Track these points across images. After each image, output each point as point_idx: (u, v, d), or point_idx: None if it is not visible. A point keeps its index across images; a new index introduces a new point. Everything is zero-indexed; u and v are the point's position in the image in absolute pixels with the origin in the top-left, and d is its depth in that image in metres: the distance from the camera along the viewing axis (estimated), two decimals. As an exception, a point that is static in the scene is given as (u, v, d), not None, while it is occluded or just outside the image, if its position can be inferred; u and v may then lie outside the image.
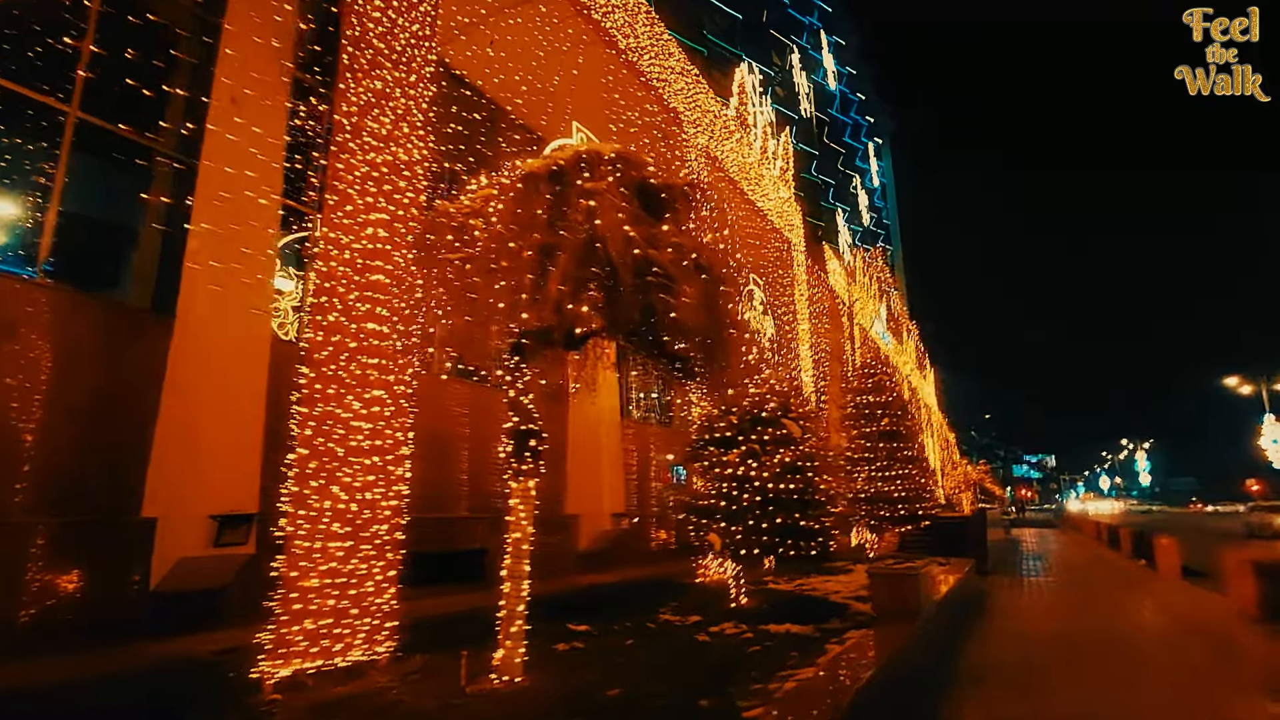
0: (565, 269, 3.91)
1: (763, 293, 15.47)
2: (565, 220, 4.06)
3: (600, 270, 3.94)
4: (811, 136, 33.67)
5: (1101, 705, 5.67)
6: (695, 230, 4.60)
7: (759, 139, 16.60)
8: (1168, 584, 15.11)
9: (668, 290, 3.97)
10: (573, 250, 3.95)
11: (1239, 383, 70.10)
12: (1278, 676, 7.02)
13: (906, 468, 14.33)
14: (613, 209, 4.03)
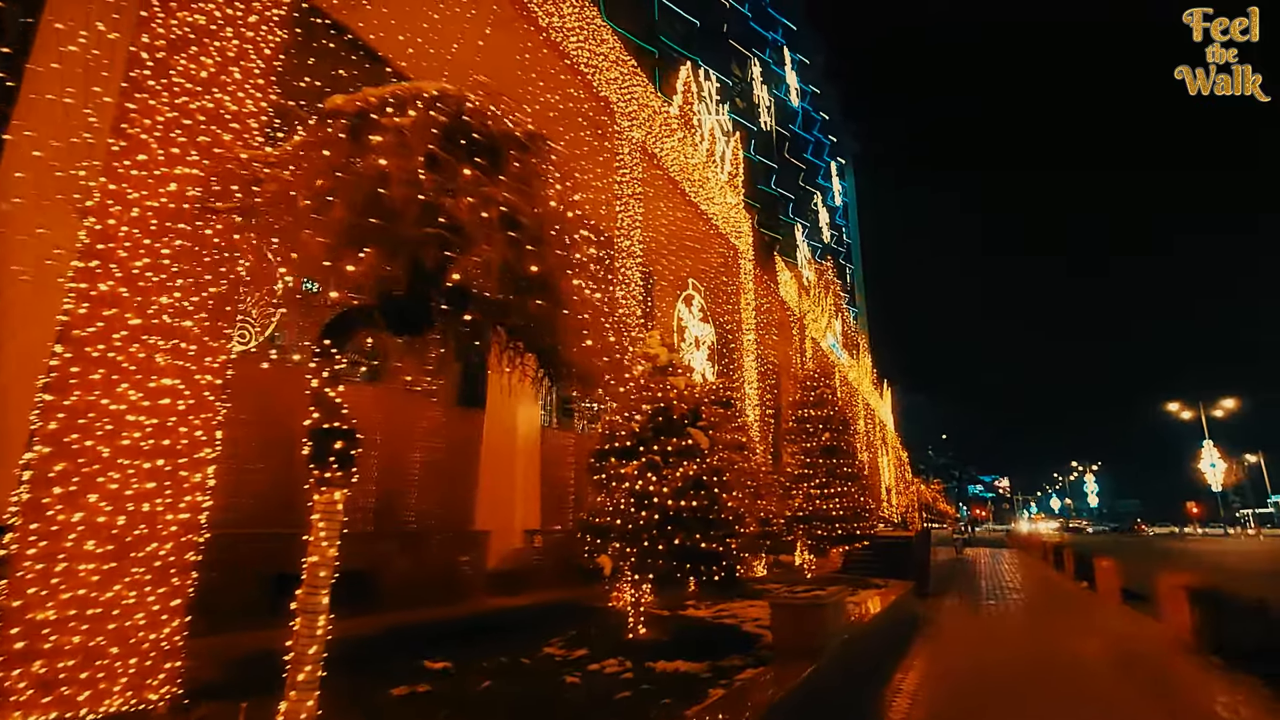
0: (336, 218, 3.09)
1: (703, 298, 14.79)
2: (352, 164, 3.24)
3: (380, 222, 3.12)
4: (771, 150, 33.52)
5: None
6: (537, 188, 3.80)
7: (705, 141, 16.02)
8: (1108, 607, 14.78)
9: (451, 246, 3.15)
10: (346, 195, 3.13)
11: (1180, 408, 72.40)
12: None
13: (846, 485, 13.73)
14: (407, 150, 3.23)
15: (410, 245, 3.16)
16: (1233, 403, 70.68)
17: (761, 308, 18.96)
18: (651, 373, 7.36)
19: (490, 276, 3.18)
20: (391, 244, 3.14)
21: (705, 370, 14.18)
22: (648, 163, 12.68)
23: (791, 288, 21.60)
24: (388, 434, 10.52)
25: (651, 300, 14.90)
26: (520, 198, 3.50)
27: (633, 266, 11.22)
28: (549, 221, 3.62)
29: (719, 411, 11.21)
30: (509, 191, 3.45)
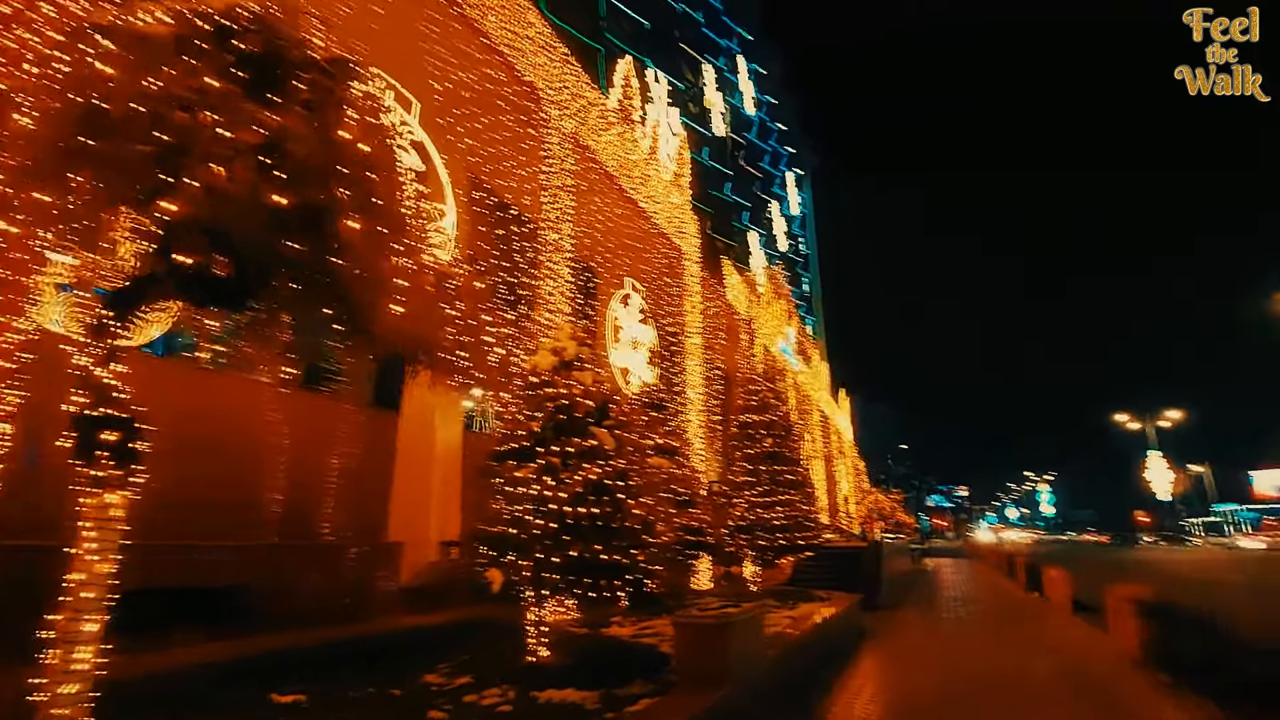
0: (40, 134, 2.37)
1: (643, 298, 14.20)
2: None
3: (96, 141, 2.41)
4: (726, 157, 33.35)
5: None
6: (333, 118, 3.11)
7: (648, 139, 15.53)
8: (1058, 619, 14.51)
9: (178, 169, 2.45)
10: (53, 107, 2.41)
11: (1128, 419, 74.48)
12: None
13: (788, 493, 13.21)
14: (152, 59, 2.53)
15: (125, 165, 2.45)
16: (1178, 414, 73.03)
17: (708, 311, 18.47)
18: (557, 367, 6.69)
19: (233, 207, 2.49)
20: (103, 165, 2.43)
21: (644, 373, 13.57)
22: (581, 155, 12.09)
23: (741, 292, 21.21)
24: (292, 437, 9.68)
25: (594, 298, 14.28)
26: (301, 124, 2.82)
27: (560, 260, 10.56)
28: (341, 156, 2.95)
29: (646, 413, 10.59)
30: (285, 116, 2.78)
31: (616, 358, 12.55)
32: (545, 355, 6.82)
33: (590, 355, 6.94)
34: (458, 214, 9.59)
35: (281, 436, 9.32)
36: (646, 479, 6.71)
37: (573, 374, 6.61)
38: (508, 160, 10.75)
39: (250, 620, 7.63)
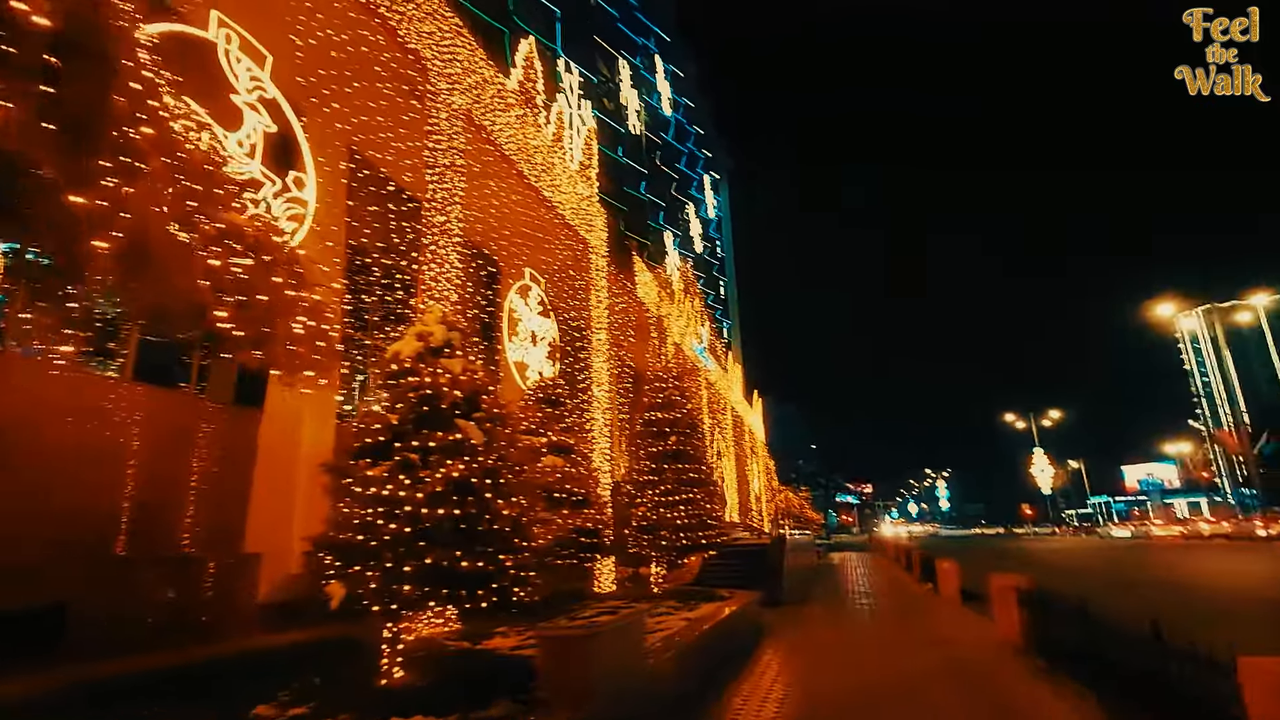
0: None
1: (544, 291, 13.57)
2: None
3: None
4: (642, 155, 33.13)
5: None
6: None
7: (552, 125, 14.92)
8: (948, 609, 14.96)
9: None
10: None
11: (1015, 418, 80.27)
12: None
13: (692, 491, 12.93)
14: None
15: None
16: (1058, 414, 79.41)
17: (616, 308, 18.06)
18: (422, 354, 6.01)
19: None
20: None
21: (544, 367, 12.95)
22: (474, 135, 11.35)
23: (652, 290, 20.92)
24: (139, 437, 8.50)
25: (488, 287, 13.52)
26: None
27: (448, 245, 9.81)
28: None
29: (541, 409, 10.01)
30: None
31: (514, 351, 11.88)
32: (409, 340, 6.13)
33: (462, 341, 6.30)
34: (322, 184, 8.68)
35: (124, 436, 8.16)
36: (524, 477, 6.14)
37: (440, 361, 5.95)
38: (387, 132, 9.90)
39: (79, 645, 6.61)
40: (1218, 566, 24.06)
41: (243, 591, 8.80)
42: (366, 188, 10.10)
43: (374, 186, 10.44)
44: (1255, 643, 7.75)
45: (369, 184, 10.48)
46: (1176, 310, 49.09)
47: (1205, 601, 13.83)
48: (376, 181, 10.33)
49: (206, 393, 9.63)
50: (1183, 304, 47.08)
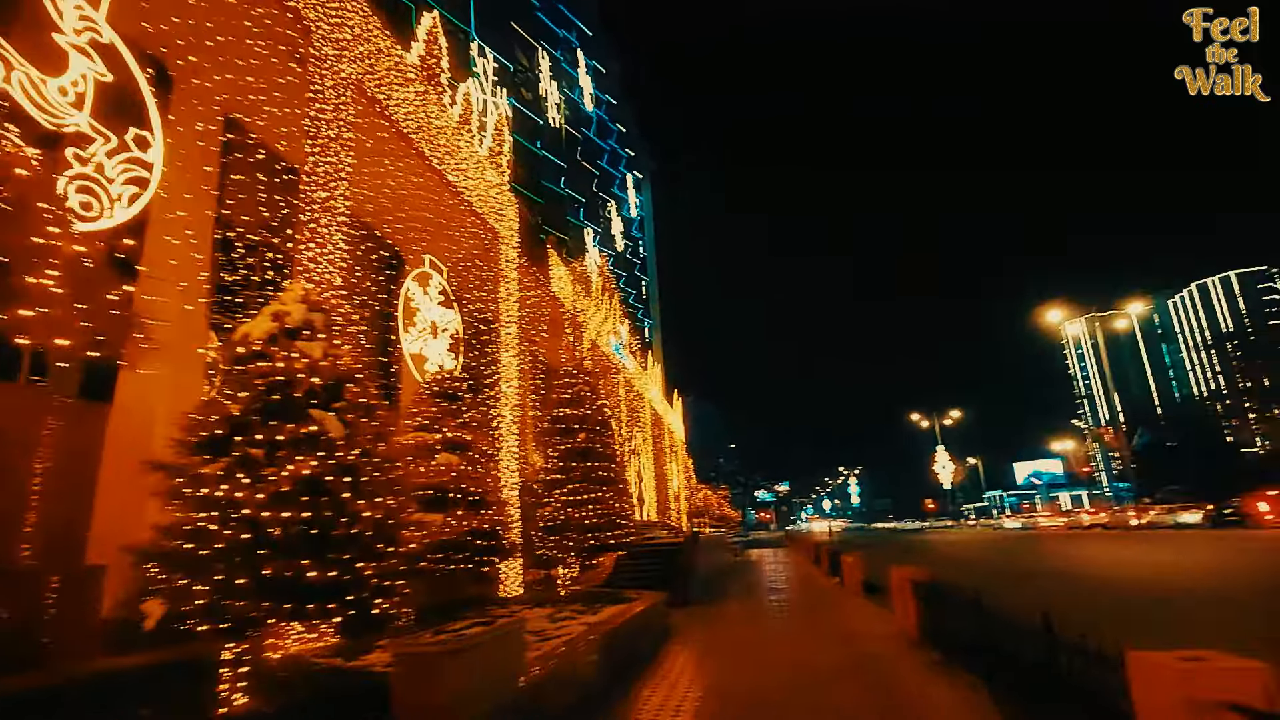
0: None
1: (446, 280, 12.79)
2: None
3: None
4: (561, 149, 32.45)
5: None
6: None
7: (458, 107, 14.15)
8: (852, 602, 15.21)
9: None
10: None
11: (920, 418, 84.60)
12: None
13: (601, 490, 12.53)
14: None
15: None
16: (959, 413, 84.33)
17: (528, 301, 17.44)
18: (276, 336, 5.30)
19: None
20: None
21: (445, 360, 12.19)
22: (367, 109, 10.53)
23: (567, 284, 20.38)
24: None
25: (381, 273, 12.61)
26: None
27: (332, 224, 8.98)
28: None
29: (435, 403, 9.33)
30: None
31: (411, 343, 11.08)
32: (262, 320, 5.40)
33: (325, 323, 5.62)
34: (174, 146, 7.69)
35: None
36: (396, 474, 5.52)
37: (296, 344, 5.26)
38: (259, 94, 8.96)
39: None
40: (1102, 555, 25.85)
41: (87, 608, 7.72)
42: (245, 158, 9.13)
43: (251, 157, 9.46)
44: (1142, 632, 8.13)
45: (247, 154, 9.49)
46: (1064, 317, 52.99)
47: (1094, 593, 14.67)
48: (252, 151, 9.35)
49: (48, 386, 8.43)
50: (1071, 311, 50.90)
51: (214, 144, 9.02)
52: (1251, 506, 36.23)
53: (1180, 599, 12.54)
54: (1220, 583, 14.64)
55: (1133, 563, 21.41)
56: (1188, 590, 13.58)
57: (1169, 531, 39.93)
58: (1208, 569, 17.94)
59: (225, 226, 9.20)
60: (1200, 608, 11.63)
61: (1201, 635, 8.67)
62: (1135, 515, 47.28)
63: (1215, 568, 18.11)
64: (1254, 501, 36.40)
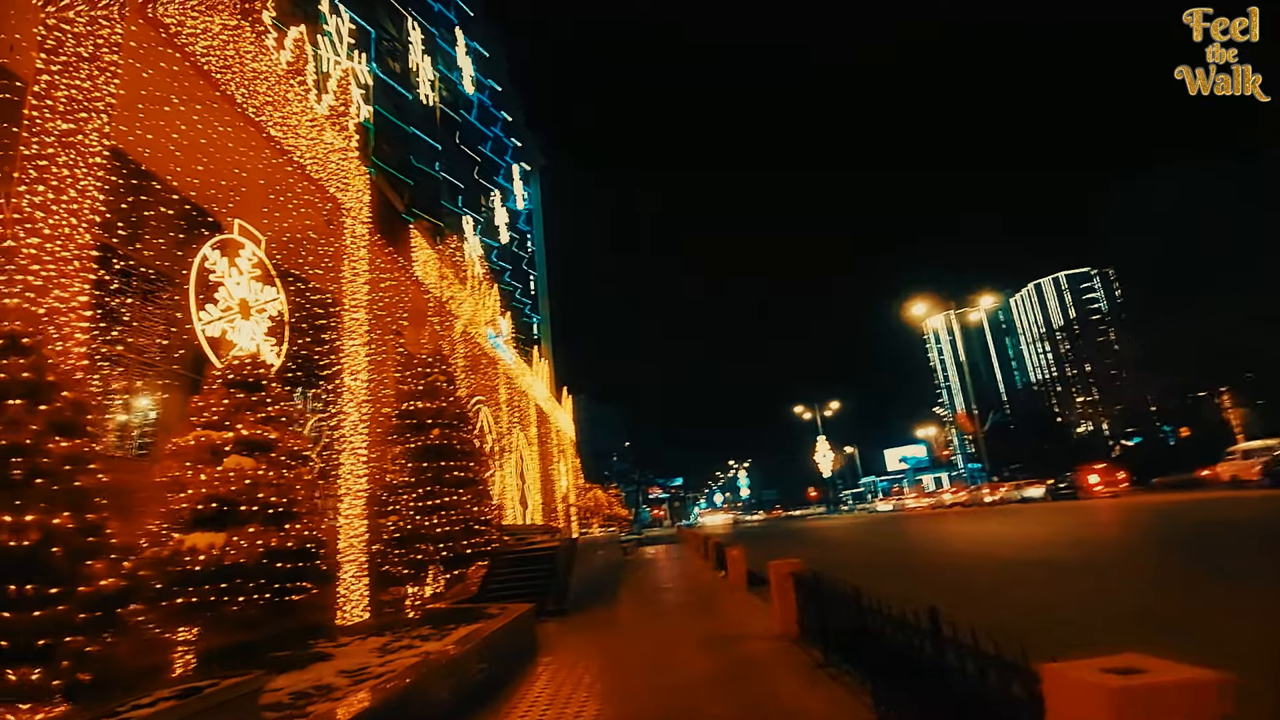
0: None
1: (264, 252, 10.77)
2: None
3: None
4: (435, 128, 30.15)
5: None
6: None
7: (287, 53, 12.13)
8: (735, 598, 14.57)
9: None
10: None
11: (803, 410, 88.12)
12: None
13: (456, 493, 11.02)
14: None
15: None
16: (837, 404, 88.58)
17: (382, 284, 15.51)
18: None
19: None
20: None
21: (262, 344, 10.22)
22: (143, 31, 8.48)
23: (433, 269, 18.52)
24: None
25: (161, 234, 10.40)
26: None
27: (77, 163, 6.97)
28: None
29: (229, 394, 7.62)
30: None
31: (208, 323, 9.09)
32: None
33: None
34: None
35: None
36: (89, 482, 3.91)
37: None
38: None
39: None
40: (967, 530, 27.22)
41: None
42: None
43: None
44: (1029, 615, 7.89)
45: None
46: (927, 311, 56.78)
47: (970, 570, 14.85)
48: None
49: None
50: (932, 305, 54.43)
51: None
52: (1083, 479, 40.85)
53: (1048, 572, 12.82)
54: (1080, 553, 15.33)
55: (995, 538, 22.50)
56: (1051, 563, 14.01)
57: (1017, 505, 43.75)
58: (1066, 539, 18.96)
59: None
60: (1071, 577, 11.87)
61: (1087, 610, 8.56)
62: (989, 492, 51.28)
63: (1072, 539, 19.16)
64: (1085, 475, 41.03)
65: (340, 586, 11.52)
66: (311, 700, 5.85)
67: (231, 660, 7.86)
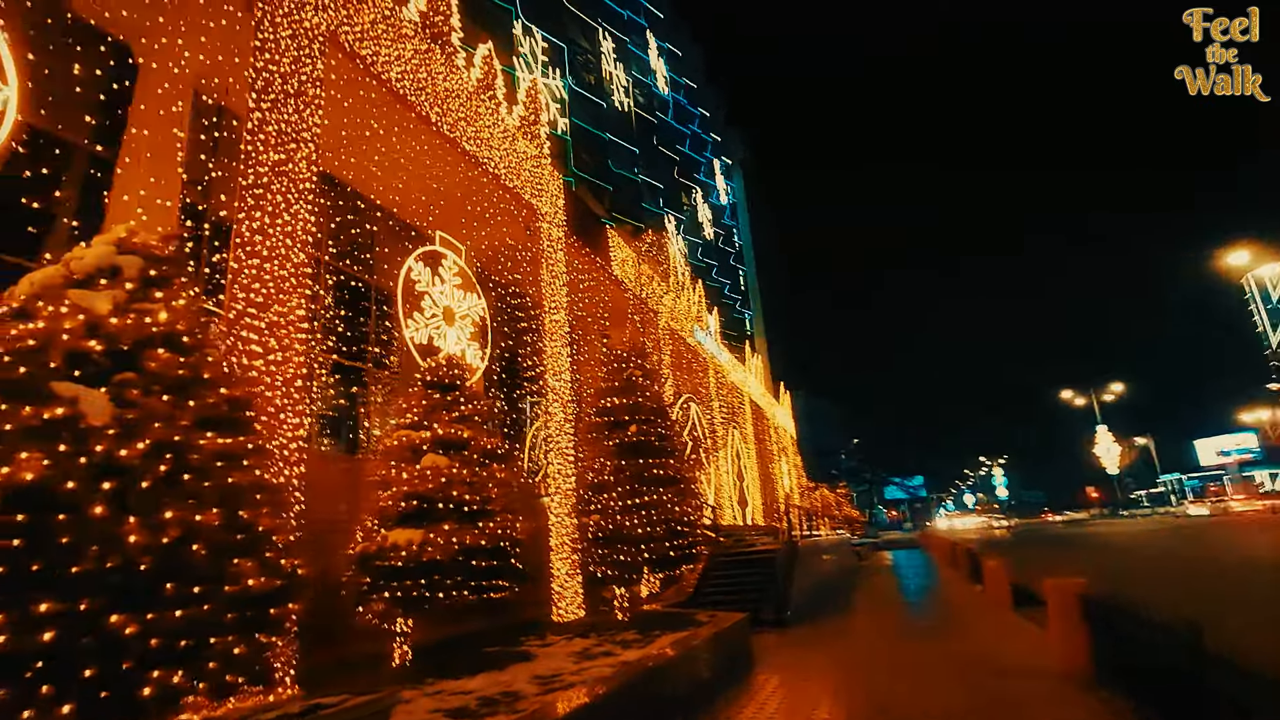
0: None
1: (465, 261, 11.25)
2: None
3: None
4: (631, 133, 30.72)
5: None
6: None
7: (477, 70, 12.70)
8: (996, 619, 12.13)
9: None
10: None
11: (1073, 396, 74.79)
12: None
13: (657, 492, 10.44)
14: None
15: None
16: (1120, 387, 73.60)
17: (581, 285, 15.71)
18: (57, 289, 3.75)
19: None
20: None
21: (467, 349, 10.65)
22: (346, 65, 9.21)
23: (631, 268, 18.48)
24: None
25: (368, 250, 11.24)
26: None
27: (289, 190, 7.61)
28: None
29: (428, 395, 7.79)
30: None
31: (417, 330, 9.65)
32: (46, 271, 3.88)
33: (139, 271, 4.00)
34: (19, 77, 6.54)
35: None
36: (248, 478, 3.82)
37: (68, 294, 3.68)
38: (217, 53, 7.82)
39: None
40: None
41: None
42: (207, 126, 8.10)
43: (210, 124, 8.41)
44: None
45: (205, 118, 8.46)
46: (1251, 261, 44.32)
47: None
48: (211, 116, 8.31)
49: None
50: (1258, 252, 42.28)
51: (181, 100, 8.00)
52: None
53: None
54: None
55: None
56: None
57: None
58: None
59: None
60: None
61: None
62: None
63: None
64: None
65: (555, 584, 11.64)
66: (496, 710, 5.54)
67: (443, 654, 8.08)
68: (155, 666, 3.15)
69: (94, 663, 2.98)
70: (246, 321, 6.78)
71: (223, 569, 3.56)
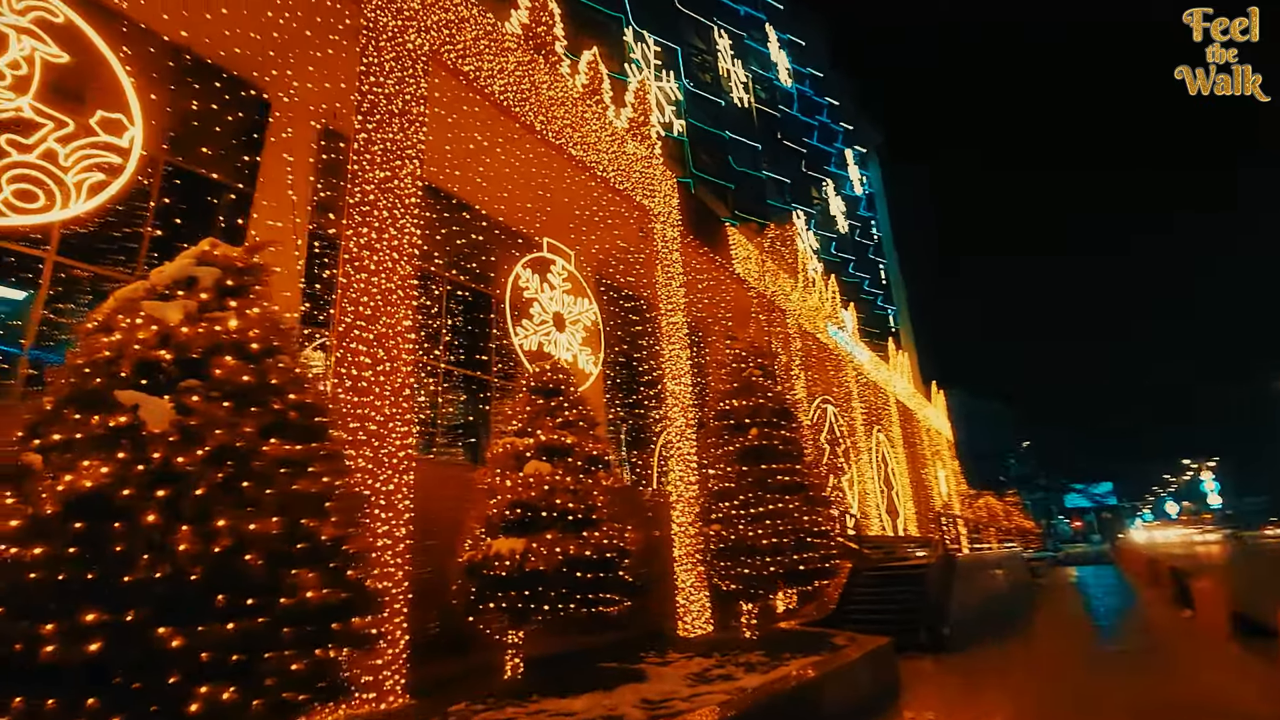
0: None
1: (574, 266, 11.10)
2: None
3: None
4: (754, 129, 29.63)
5: None
6: None
7: (582, 76, 12.64)
8: (1212, 654, 9.94)
9: None
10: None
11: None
12: None
13: (781, 500, 9.61)
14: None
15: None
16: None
17: (699, 285, 15.15)
18: (134, 302, 3.86)
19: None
20: None
21: (580, 356, 10.48)
22: (449, 81, 9.43)
23: (754, 266, 17.62)
24: None
25: (478, 256, 11.35)
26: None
27: (395, 205, 7.83)
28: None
29: (533, 400, 7.66)
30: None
31: (526, 336, 9.62)
32: (135, 286, 4.03)
33: (216, 282, 4.04)
34: (146, 121, 7.05)
35: None
36: (320, 485, 3.72)
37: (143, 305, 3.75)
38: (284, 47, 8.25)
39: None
40: None
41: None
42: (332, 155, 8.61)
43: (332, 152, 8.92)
44: None
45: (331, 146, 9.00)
46: None
47: None
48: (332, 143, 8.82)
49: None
50: None
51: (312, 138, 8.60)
52: None
53: None
54: None
55: None
56: None
57: None
58: None
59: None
60: None
61: None
62: None
63: None
64: None
65: (679, 596, 11.12)
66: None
67: (557, 667, 7.83)
68: (204, 681, 3.02)
69: (140, 675, 2.90)
70: (356, 334, 6.99)
71: (279, 580, 3.41)
